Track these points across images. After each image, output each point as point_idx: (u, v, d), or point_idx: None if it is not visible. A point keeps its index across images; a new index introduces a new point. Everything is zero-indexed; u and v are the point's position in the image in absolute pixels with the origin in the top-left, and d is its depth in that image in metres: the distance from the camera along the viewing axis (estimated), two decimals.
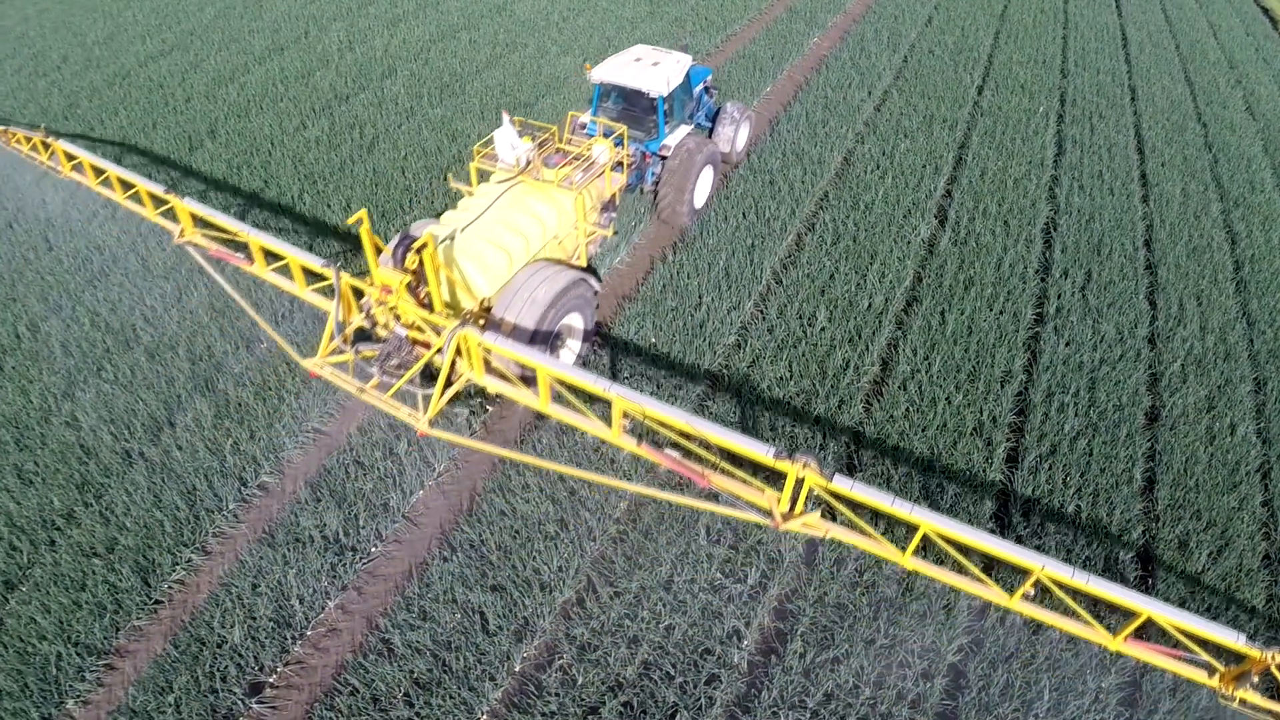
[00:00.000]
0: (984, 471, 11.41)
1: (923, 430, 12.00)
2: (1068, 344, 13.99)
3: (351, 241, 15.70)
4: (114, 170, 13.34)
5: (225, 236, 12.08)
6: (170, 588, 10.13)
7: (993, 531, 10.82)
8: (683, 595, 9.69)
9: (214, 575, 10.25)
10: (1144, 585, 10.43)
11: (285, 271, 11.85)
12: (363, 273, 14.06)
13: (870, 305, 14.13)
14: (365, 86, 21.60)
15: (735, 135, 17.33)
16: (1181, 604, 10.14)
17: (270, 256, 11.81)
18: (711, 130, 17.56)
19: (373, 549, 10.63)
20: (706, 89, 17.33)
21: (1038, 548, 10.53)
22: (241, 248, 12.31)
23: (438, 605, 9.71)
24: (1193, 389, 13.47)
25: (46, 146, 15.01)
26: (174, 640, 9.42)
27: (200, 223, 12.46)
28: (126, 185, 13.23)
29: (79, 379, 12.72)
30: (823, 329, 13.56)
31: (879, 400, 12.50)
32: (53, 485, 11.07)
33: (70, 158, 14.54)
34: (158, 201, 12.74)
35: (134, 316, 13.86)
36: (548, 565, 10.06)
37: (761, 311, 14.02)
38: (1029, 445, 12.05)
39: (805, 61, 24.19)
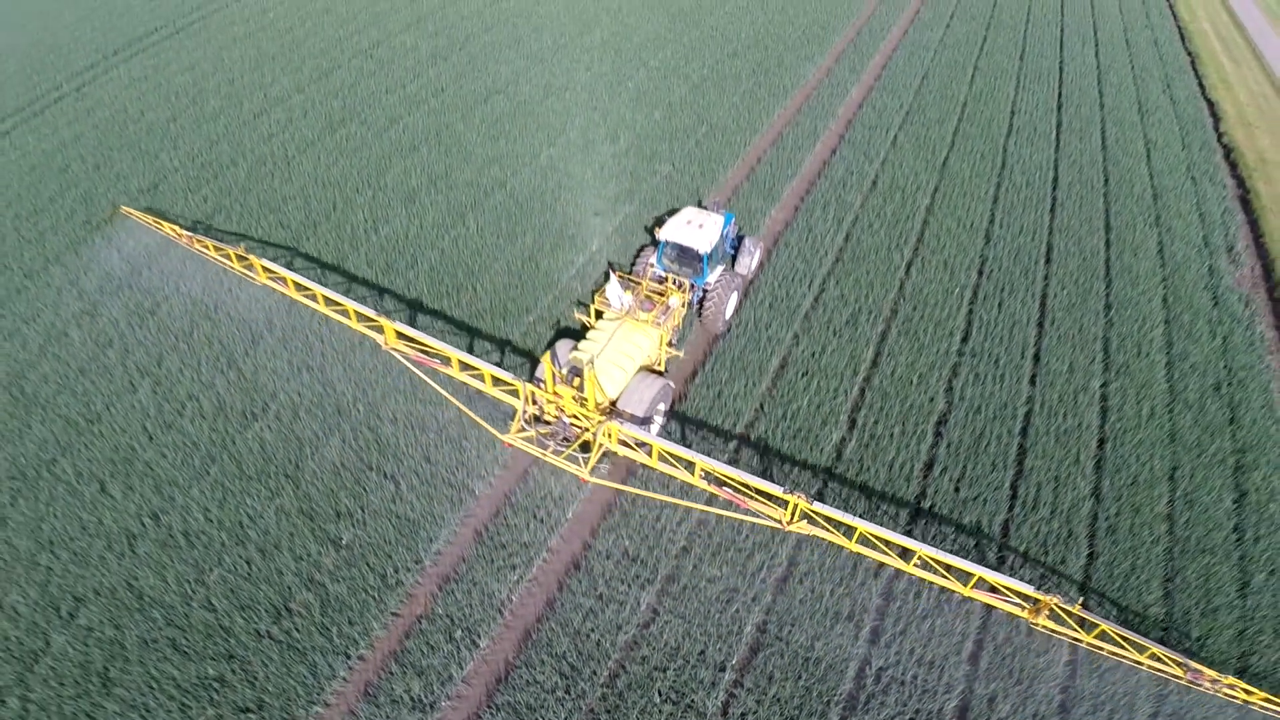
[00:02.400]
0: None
1: None
2: (933, 537, 20.28)
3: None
4: (320, 289, 21.72)
5: (421, 346, 20.65)
6: None
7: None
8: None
9: None
10: (1000, 562, 19.78)
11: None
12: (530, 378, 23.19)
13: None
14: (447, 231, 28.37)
15: (751, 262, 27.16)
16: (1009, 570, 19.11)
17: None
18: (734, 258, 27.02)
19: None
20: (737, 237, 27.04)
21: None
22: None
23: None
24: (1029, 572, 19.71)
25: (243, 259, 22.87)
26: None
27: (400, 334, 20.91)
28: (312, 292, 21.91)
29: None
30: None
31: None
32: (204, 656, 17.47)
33: (269, 271, 22.51)
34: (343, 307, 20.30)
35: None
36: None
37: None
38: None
39: (761, 240, 30.86)
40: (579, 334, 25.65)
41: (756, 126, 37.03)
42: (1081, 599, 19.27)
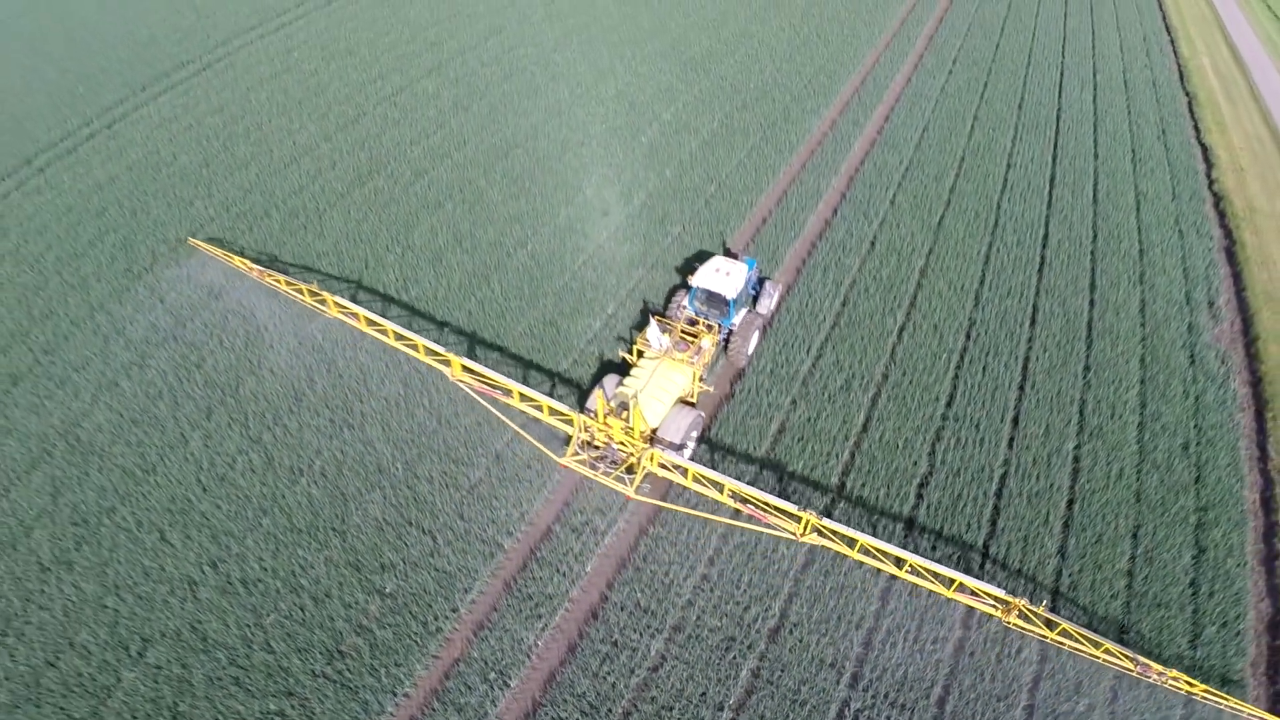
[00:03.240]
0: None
1: None
2: (910, 592, 23.57)
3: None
4: (390, 325, 26.19)
5: (484, 379, 25.12)
6: None
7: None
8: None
9: None
10: (981, 570, 23.70)
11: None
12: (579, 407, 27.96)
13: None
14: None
15: (771, 303, 31.52)
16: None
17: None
18: (756, 298, 31.24)
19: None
20: (759, 279, 31.71)
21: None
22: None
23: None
24: (996, 627, 22.98)
25: (315, 294, 27.51)
26: None
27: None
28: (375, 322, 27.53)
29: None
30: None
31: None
32: (266, 694, 20.79)
33: (341, 307, 27.36)
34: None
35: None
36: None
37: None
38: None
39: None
40: (620, 368, 29.65)
41: (763, 185, 40.33)
42: (1045, 601, 23.01)
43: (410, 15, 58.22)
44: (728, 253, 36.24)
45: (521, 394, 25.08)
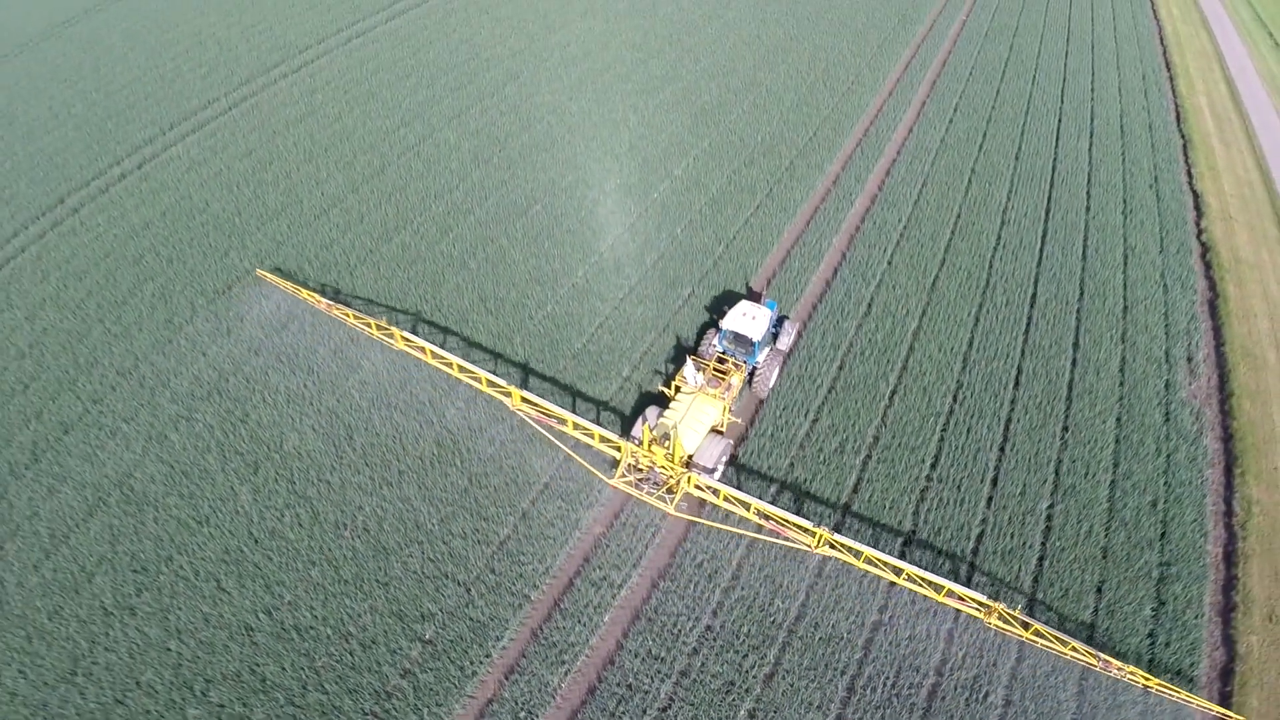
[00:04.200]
0: None
1: None
2: (894, 642, 27.53)
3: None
4: (455, 359, 31.09)
5: (541, 409, 29.97)
6: None
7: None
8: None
9: None
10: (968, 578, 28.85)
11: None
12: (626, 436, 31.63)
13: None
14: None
15: (789, 340, 36.17)
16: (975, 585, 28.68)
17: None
18: (776, 335, 35.70)
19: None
20: (779, 319, 37.04)
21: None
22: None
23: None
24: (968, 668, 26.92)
25: (384, 329, 32.11)
26: None
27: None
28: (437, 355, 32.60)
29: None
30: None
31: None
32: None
33: (407, 340, 31.98)
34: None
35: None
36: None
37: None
38: None
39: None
40: (659, 400, 34.45)
41: (768, 245, 44.29)
42: (1020, 606, 28.34)
43: (429, 57, 62.25)
44: (751, 292, 40.82)
45: (575, 423, 30.69)
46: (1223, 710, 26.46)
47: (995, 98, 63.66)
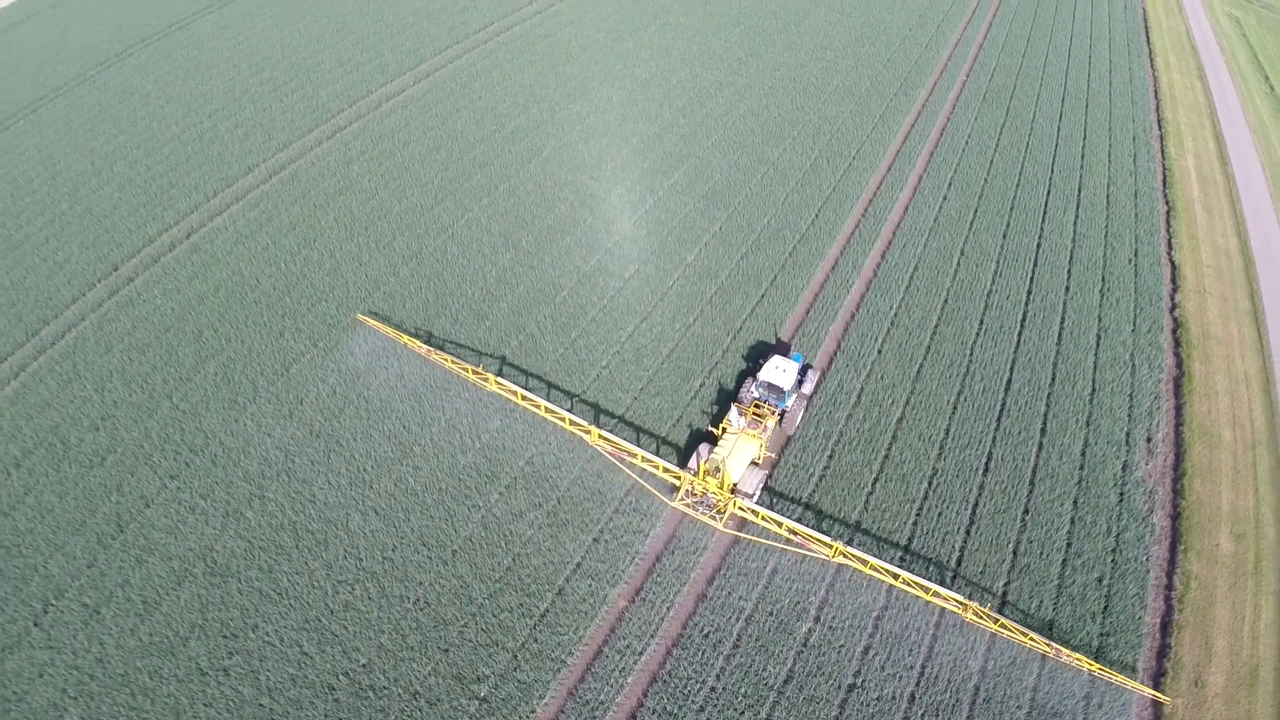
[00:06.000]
0: None
1: None
2: (881, 668, 35.65)
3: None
4: (542, 401, 41.07)
5: (614, 444, 41.54)
6: None
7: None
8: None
9: None
10: (952, 580, 38.84)
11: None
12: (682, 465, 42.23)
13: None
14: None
15: (812, 385, 47.26)
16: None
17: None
18: (801, 382, 44.70)
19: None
20: (804, 367, 47.42)
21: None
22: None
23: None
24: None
25: (479, 374, 41.09)
26: None
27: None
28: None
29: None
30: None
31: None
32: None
33: (501, 385, 40.47)
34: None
35: None
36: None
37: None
38: None
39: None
40: (708, 437, 43.99)
41: (771, 334, 52.29)
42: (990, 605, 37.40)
43: (457, 128, 70.15)
44: (779, 342, 50.50)
45: (644, 456, 41.72)
46: (1154, 692, 35.95)
47: (988, 170, 71.38)
